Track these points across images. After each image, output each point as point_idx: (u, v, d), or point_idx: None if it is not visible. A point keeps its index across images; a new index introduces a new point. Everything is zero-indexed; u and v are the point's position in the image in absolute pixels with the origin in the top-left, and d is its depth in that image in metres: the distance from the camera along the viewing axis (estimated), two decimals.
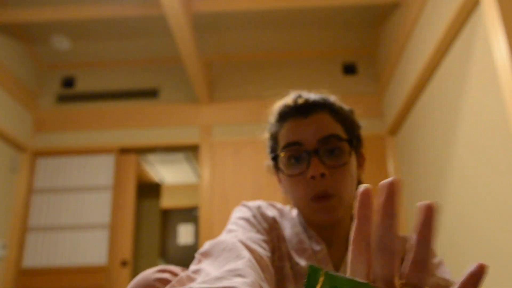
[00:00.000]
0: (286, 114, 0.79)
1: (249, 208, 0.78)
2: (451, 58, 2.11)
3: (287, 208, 0.85)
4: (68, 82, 3.58)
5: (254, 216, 0.75)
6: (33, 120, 3.41)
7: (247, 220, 0.74)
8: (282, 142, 0.77)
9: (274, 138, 0.81)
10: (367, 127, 3.69)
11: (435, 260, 0.75)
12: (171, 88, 3.48)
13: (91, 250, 3.07)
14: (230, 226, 0.74)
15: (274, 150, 0.80)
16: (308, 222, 0.80)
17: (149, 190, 4.52)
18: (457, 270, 2.06)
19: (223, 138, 3.32)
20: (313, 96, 0.80)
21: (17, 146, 3.19)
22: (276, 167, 0.81)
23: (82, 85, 3.56)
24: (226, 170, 3.23)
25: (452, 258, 2.13)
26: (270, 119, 0.84)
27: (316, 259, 0.74)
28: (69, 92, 3.54)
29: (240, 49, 3.50)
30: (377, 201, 0.37)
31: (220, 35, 3.35)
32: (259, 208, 0.78)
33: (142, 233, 4.19)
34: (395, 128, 3.01)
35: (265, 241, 0.70)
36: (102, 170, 3.27)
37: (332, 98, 0.82)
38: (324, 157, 0.73)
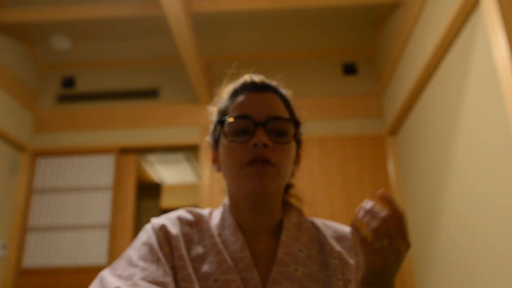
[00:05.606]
0: (240, 89, 0.82)
1: (153, 230, 0.75)
2: (451, 58, 2.11)
3: (207, 211, 0.83)
4: (68, 82, 3.57)
5: (158, 239, 0.73)
6: (33, 120, 3.41)
7: (150, 246, 0.72)
8: (231, 114, 0.79)
9: (223, 112, 0.82)
10: (367, 127, 3.66)
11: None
12: (171, 88, 3.48)
13: (91, 250, 3.07)
14: (132, 252, 0.73)
15: (220, 122, 0.81)
16: (235, 204, 0.79)
17: (149, 190, 4.51)
18: (458, 271, 2.06)
19: None
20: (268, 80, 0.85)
21: (17, 146, 3.19)
22: (216, 138, 0.82)
23: (82, 85, 3.56)
24: None
25: (453, 259, 2.13)
26: (221, 97, 0.86)
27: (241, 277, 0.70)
28: (69, 92, 3.54)
29: (240, 49, 3.49)
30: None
31: (220, 35, 3.35)
32: (162, 228, 0.75)
33: None
34: (395, 128, 3.01)
35: (165, 273, 0.68)
36: (102, 170, 3.27)
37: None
38: (269, 132, 0.75)
